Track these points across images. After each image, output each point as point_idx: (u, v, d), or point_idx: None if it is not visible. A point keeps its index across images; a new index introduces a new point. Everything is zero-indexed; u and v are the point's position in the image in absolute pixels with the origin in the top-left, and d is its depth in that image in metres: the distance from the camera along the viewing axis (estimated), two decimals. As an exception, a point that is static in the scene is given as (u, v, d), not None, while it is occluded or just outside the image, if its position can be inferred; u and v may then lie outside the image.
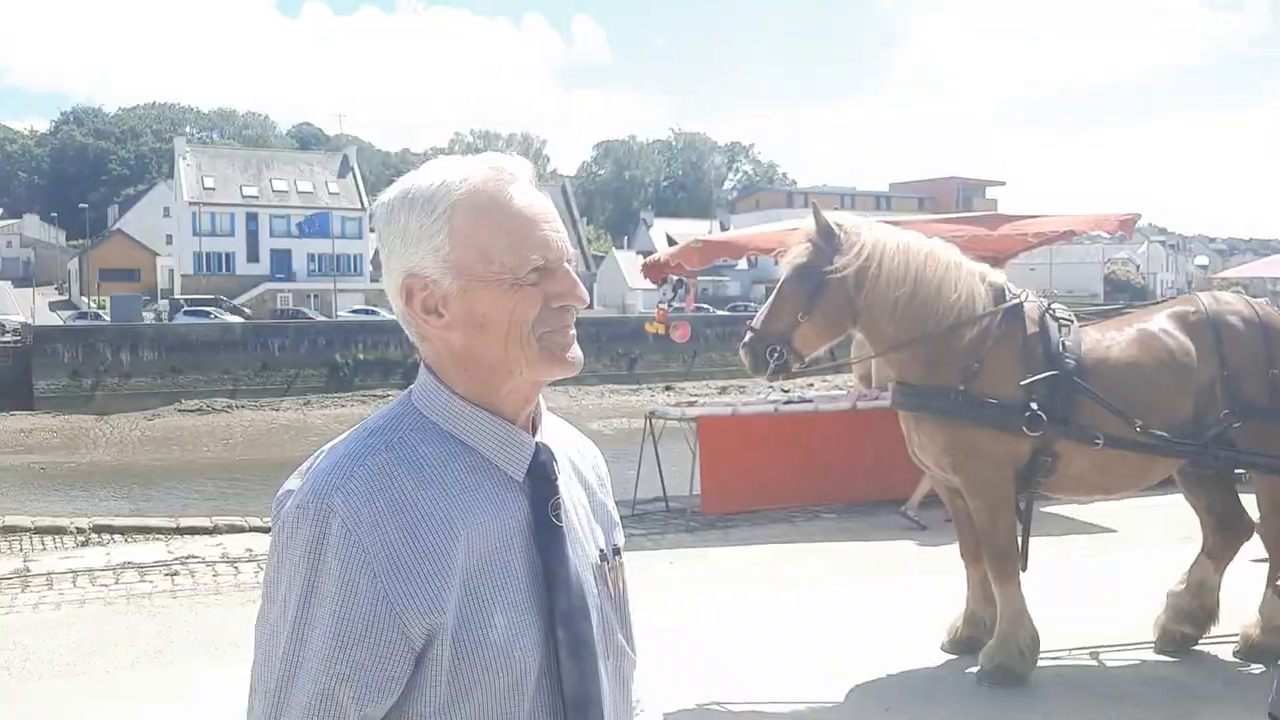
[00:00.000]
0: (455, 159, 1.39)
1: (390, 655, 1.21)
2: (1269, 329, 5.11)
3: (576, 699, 1.31)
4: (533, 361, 1.32)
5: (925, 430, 5.21)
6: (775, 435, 9.37)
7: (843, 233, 5.12)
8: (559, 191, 75.40)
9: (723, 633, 5.94)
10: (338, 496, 1.23)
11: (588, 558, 1.40)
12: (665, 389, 37.69)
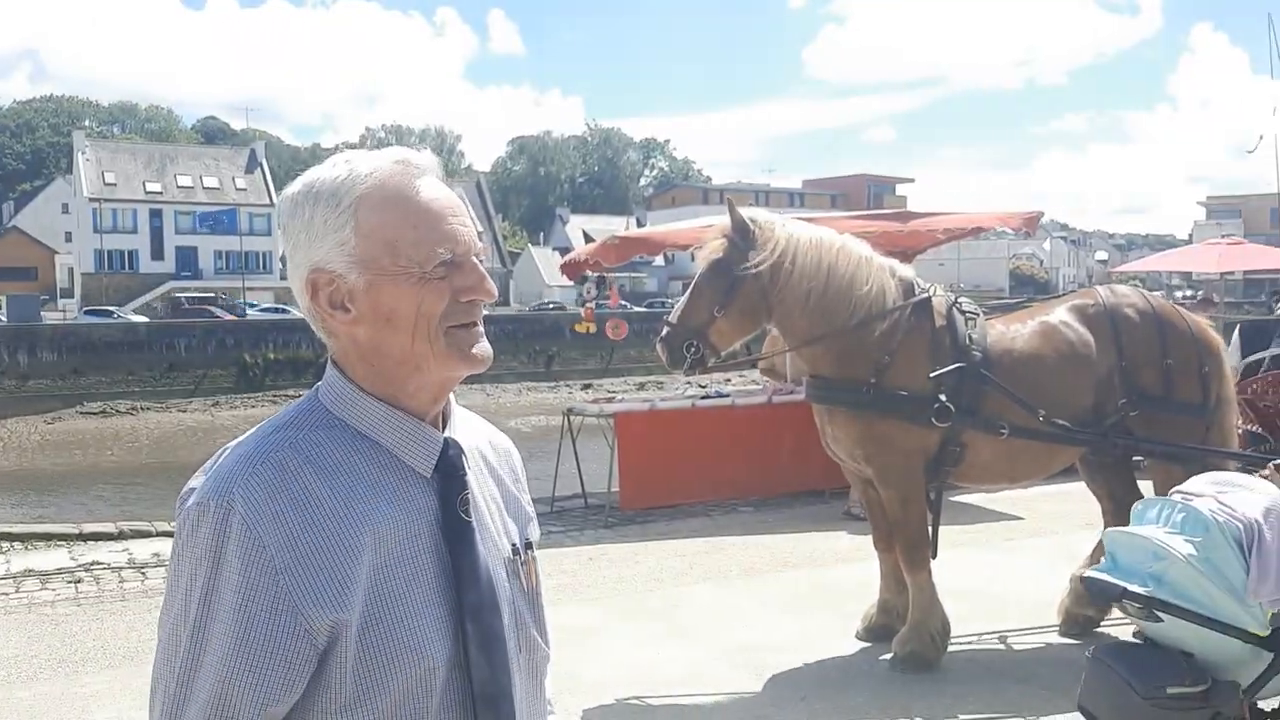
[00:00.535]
0: (361, 152, 1.38)
1: (292, 653, 1.19)
2: (1163, 321, 5.31)
3: (487, 693, 1.30)
4: (440, 356, 1.31)
5: (838, 423, 5.30)
6: (693, 430, 9.43)
7: (757, 229, 5.18)
8: (473, 187, 74.70)
9: (641, 627, 5.97)
10: (239, 493, 1.21)
11: (499, 552, 1.39)
12: (584, 386, 37.63)
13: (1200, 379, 5.26)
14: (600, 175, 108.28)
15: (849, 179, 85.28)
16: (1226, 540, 3.15)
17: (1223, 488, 3.35)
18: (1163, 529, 3.28)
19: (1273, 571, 3.12)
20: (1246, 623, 3.17)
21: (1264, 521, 3.17)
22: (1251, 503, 3.24)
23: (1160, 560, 3.21)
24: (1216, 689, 3.16)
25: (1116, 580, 3.25)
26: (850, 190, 79.79)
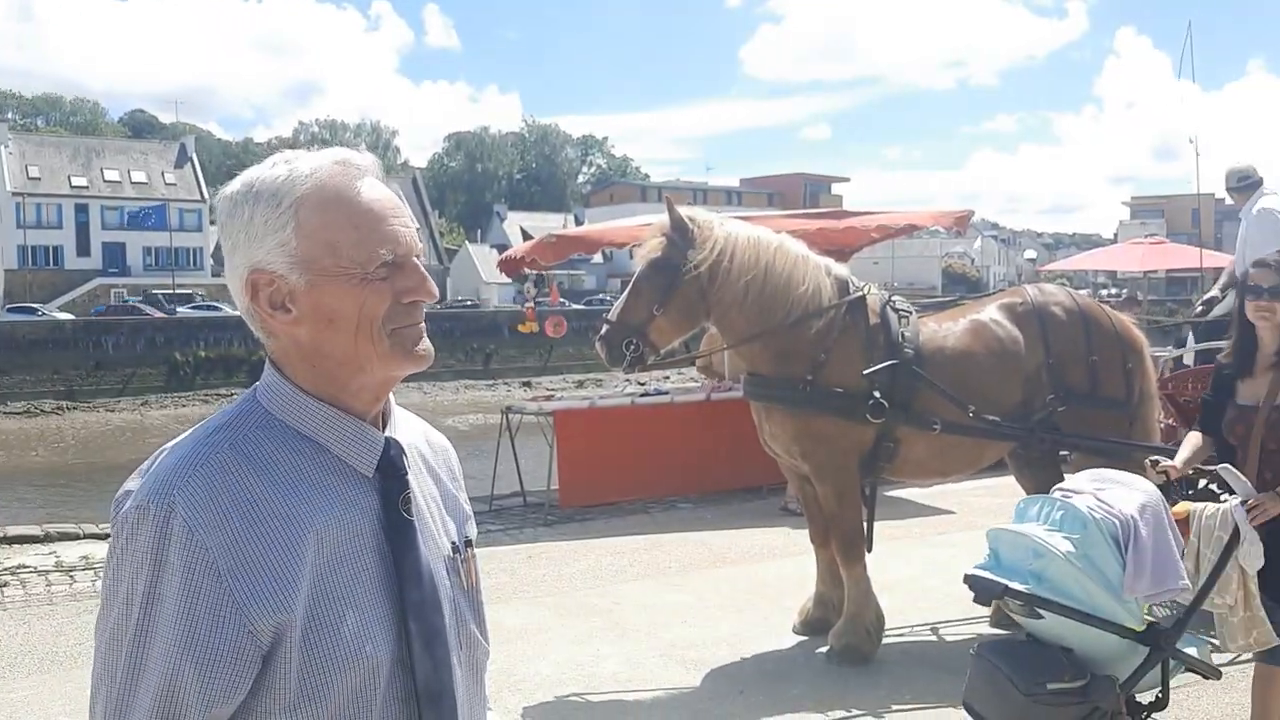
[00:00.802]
0: (300, 152, 1.37)
1: (237, 655, 1.19)
2: (1089, 318, 5.46)
3: (430, 690, 1.32)
4: (384, 356, 1.32)
5: (775, 419, 5.36)
6: (632, 428, 9.47)
7: (696, 228, 5.22)
8: (410, 183, 74.00)
9: (580, 625, 5.98)
10: (179, 496, 1.20)
11: (440, 550, 1.41)
12: (522, 384, 37.50)
13: (1124, 375, 5.42)
14: (538, 172, 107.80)
15: (786, 178, 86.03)
16: (1104, 537, 3.20)
17: (1101, 484, 3.41)
18: (1043, 526, 3.32)
19: (1148, 567, 3.17)
20: (1123, 618, 3.23)
21: (1139, 518, 3.24)
22: (1128, 499, 3.30)
23: (1040, 558, 3.25)
24: (1095, 684, 3.22)
25: (998, 578, 3.27)
26: (787, 189, 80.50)
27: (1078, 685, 3.19)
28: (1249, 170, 6.90)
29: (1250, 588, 3.64)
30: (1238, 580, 3.64)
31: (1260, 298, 3.87)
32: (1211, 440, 4.04)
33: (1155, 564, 3.18)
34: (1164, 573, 3.20)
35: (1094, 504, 3.26)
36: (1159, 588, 3.20)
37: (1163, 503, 3.36)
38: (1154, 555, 3.18)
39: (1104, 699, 3.21)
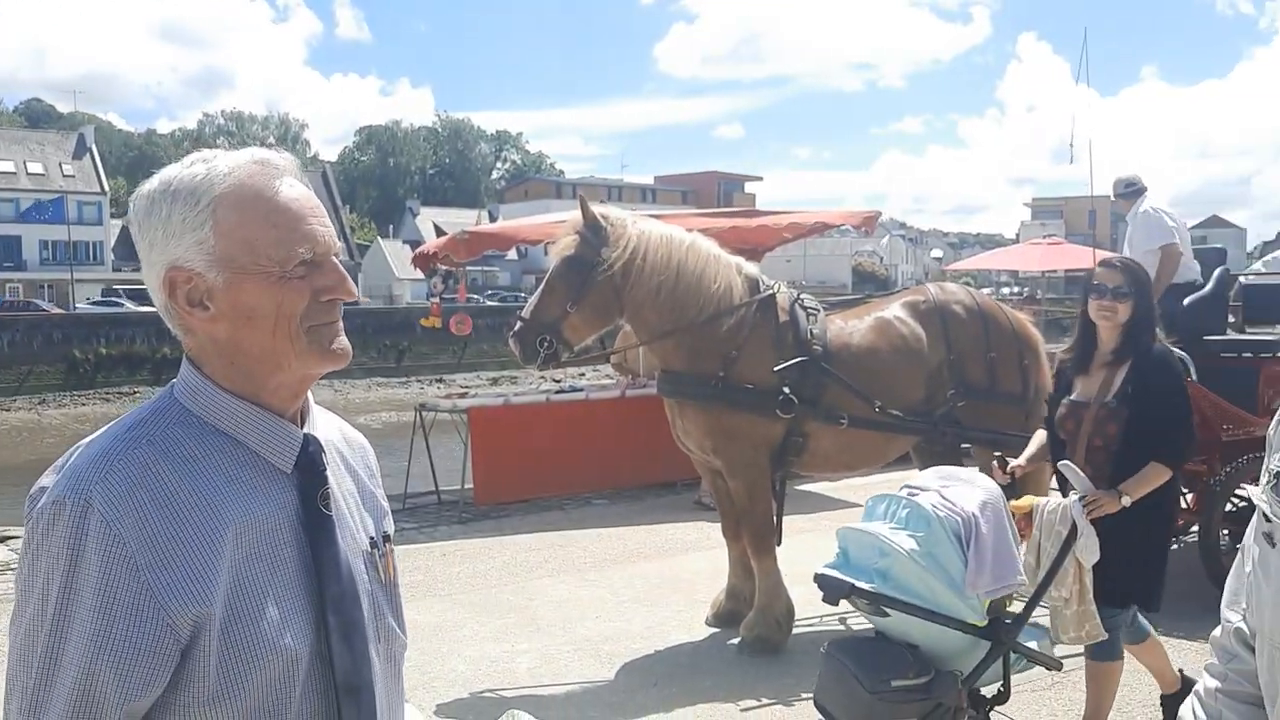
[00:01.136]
0: (219, 151, 1.39)
1: (155, 648, 1.20)
2: (987, 317, 5.66)
3: (348, 682, 1.34)
4: (301, 354, 1.34)
5: (688, 415, 5.45)
6: (547, 425, 9.49)
7: (609, 226, 5.28)
8: (320, 178, 72.61)
9: (496, 621, 6.00)
10: (96, 491, 1.21)
11: (358, 545, 1.43)
12: (436, 381, 37.13)
13: (1020, 371, 5.63)
14: (451, 167, 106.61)
15: (700, 176, 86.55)
16: (946, 534, 3.23)
17: (946, 482, 3.45)
18: (888, 525, 3.35)
19: (988, 564, 3.22)
20: (966, 614, 3.27)
21: (981, 515, 3.27)
22: (970, 497, 3.33)
23: (885, 556, 3.27)
24: (938, 680, 3.26)
25: (846, 577, 3.29)
26: (701, 187, 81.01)
27: (922, 682, 3.24)
28: (1134, 179, 7.25)
29: (1085, 582, 3.73)
30: (1074, 574, 3.72)
31: (1104, 297, 3.92)
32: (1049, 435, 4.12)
33: (995, 560, 3.24)
34: (1003, 568, 3.26)
35: (938, 501, 3.30)
36: (999, 583, 3.25)
37: (1002, 499, 3.41)
38: (994, 551, 3.24)
39: (946, 695, 3.26)
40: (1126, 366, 3.88)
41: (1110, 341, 3.94)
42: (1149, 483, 3.76)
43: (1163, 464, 3.78)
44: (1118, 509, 3.69)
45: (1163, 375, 3.87)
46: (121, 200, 70.53)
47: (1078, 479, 3.76)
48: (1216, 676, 1.45)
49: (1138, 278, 3.96)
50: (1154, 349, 3.90)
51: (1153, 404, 3.78)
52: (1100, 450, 3.87)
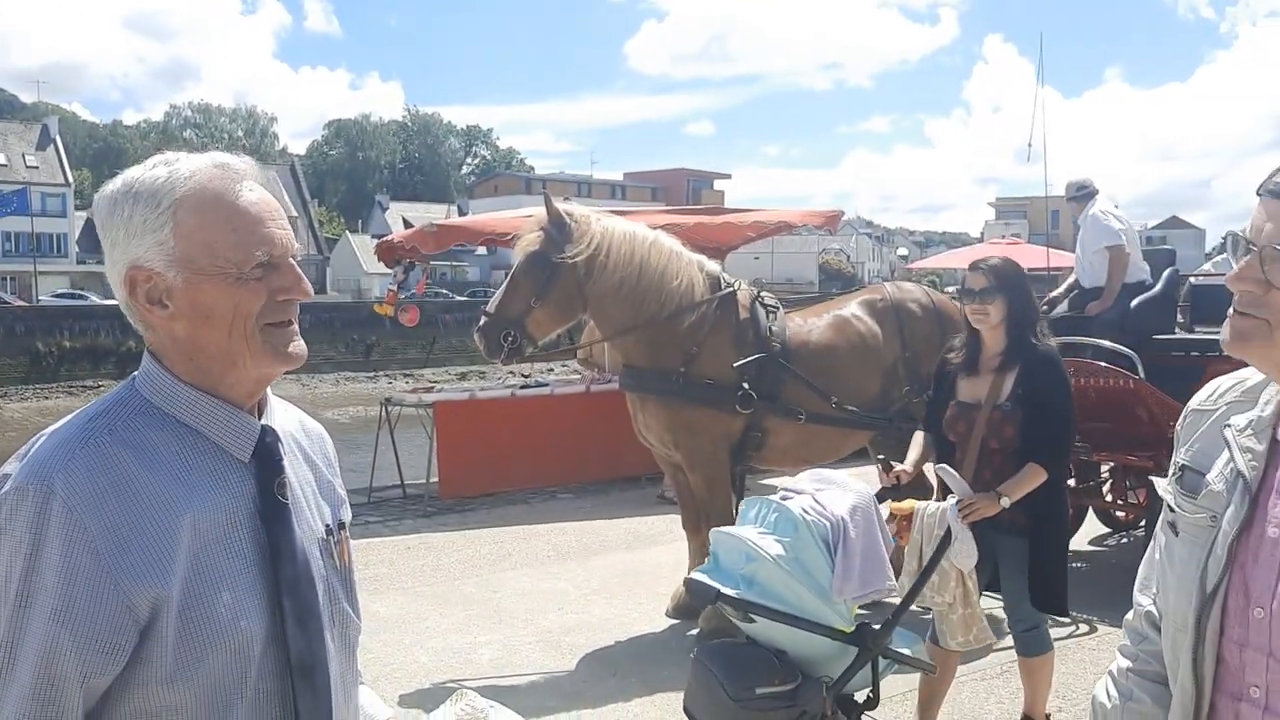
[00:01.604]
0: (181, 154, 1.44)
1: (114, 627, 1.25)
2: (941, 315, 5.79)
3: (303, 663, 1.40)
4: (256, 354, 1.39)
5: (649, 410, 5.53)
6: (512, 419, 9.55)
7: (573, 222, 5.35)
8: (288, 171, 72.04)
9: (458, 613, 6.06)
10: (58, 478, 1.26)
11: (314, 532, 1.49)
12: (405, 376, 36.95)
13: (974, 368, 5.75)
14: (421, 162, 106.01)
15: (669, 172, 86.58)
16: (814, 539, 3.17)
17: (820, 485, 3.39)
18: (757, 529, 3.29)
19: (856, 569, 3.17)
20: (833, 620, 3.23)
21: (850, 519, 3.22)
22: (841, 501, 3.28)
23: (752, 561, 3.20)
24: (803, 687, 3.21)
25: (712, 582, 3.22)
26: (670, 184, 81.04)
27: (788, 689, 3.19)
28: (1086, 182, 7.42)
29: (968, 585, 3.70)
30: (956, 578, 3.69)
31: (973, 300, 3.92)
32: (933, 438, 4.10)
33: (864, 565, 3.20)
34: (871, 574, 3.22)
35: (808, 505, 3.25)
36: (866, 589, 3.21)
37: (874, 504, 3.37)
38: (863, 557, 3.20)
39: (810, 702, 3.20)
40: (1016, 369, 3.85)
41: (994, 344, 3.92)
42: (1027, 484, 3.72)
43: (1041, 465, 3.74)
44: (997, 511, 3.67)
45: (1049, 377, 3.83)
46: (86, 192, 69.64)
47: (955, 483, 3.71)
48: (1128, 657, 1.55)
49: (1006, 277, 3.91)
50: (1040, 350, 3.88)
51: (1043, 405, 3.77)
52: (998, 453, 3.84)
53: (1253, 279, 1.28)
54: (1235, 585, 1.31)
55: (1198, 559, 1.35)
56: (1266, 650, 1.27)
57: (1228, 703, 1.32)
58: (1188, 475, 1.43)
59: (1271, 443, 1.34)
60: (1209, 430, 1.44)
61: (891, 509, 3.80)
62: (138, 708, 1.29)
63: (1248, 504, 1.32)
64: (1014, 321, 3.88)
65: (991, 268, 3.94)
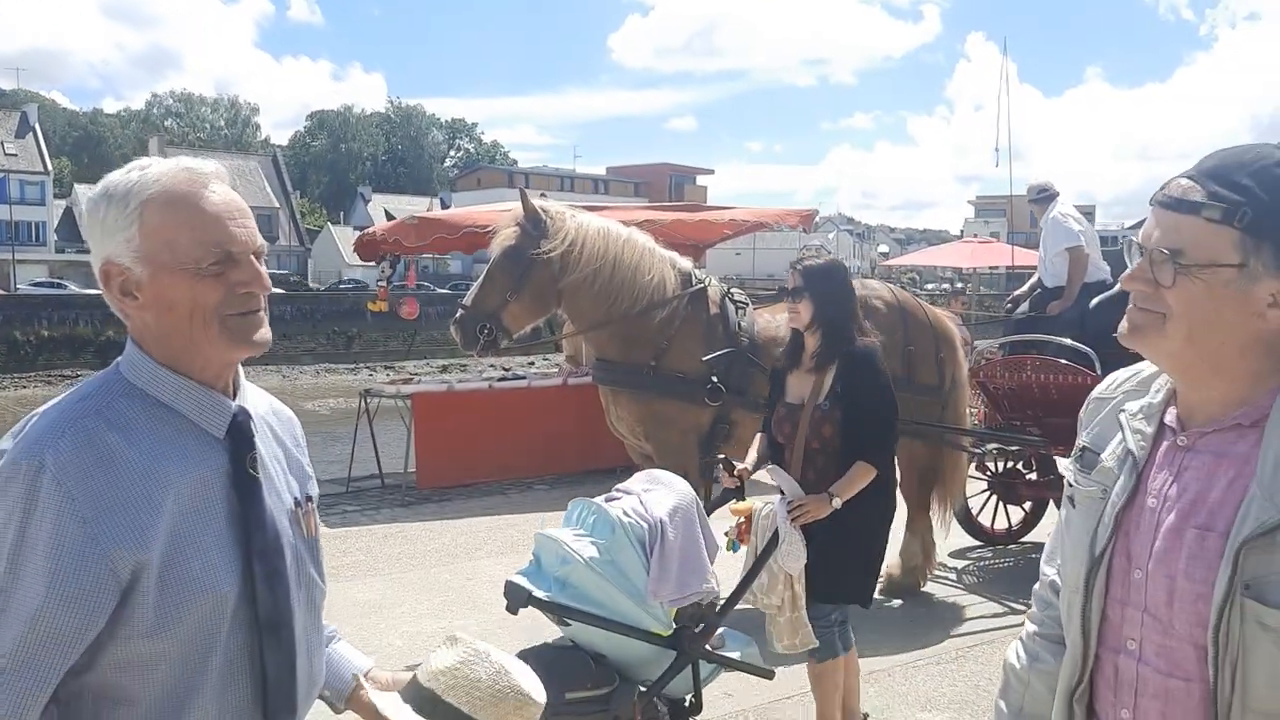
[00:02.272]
0: (155, 159, 1.59)
1: (98, 587, 1.38)
2: (905, 312, 5.95)
3: (270, 621, 1.54)
4: (214, 341, 1.53)
5: (621, 402, 5.68)
6: (489, 411, 9.66)
7: (549, 218, 5.49)
8: (270, 162, 71.82)
9: (433, 599, 6.18)
10: (49, 454, 1.39)
11: (283, 504, 1.63)
12: (385, 368, 36.98)
13: (937, 364, 5.93)
14: (404, 154, 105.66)
15: (652, 167, 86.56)
16: (630, 541, 3.10)
17: (648, 486, 3.35)
18: (574, 531, 3.23)
19: (674, 571, 3.10)
20: (649, 624, 3.16)
21: (669, 521, 3.15)
22: (662, 502, 3.21)
23: (566, 564, 3.13)
24: (618, 691, 3.15)
25: (528, 584, 3.13)
26: (653, 179, 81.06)
27: (601, 694, 3.13)
28: (1047, 184, 7.61)
29: (797, 589, 3.65)
30: (784, 581, 3.65)
31: (787, 299, 3.93)
32: (767, 440, 4.08)
33: (681, 568, 3.13)
34: (690, 576, 3.14)
35: (631, 506, 3.19)
36: (684, 591, 3.13)
37: (696, 505, 3.30)
38: (680, 559, 3.13)
39: (621, 707, 3.15)
40: (833, 368, 3.84)
41: (812, 343, 3.92)
42: (857, 483, 3.71)
43: (869, 463, 3.74)
44: (828, 512, 3.66)
45: (865, 374, 3.82)
46: (65, 180, 69.21)
47: (785, 483, 3.69)
48: (1035, 622, 1.71)
49: (817, 277, 3.89)
50: (856, 348, 3.86)
51: (859, 403, 3.77)
52: (819, 453, 3.84)
53: (1143, 279, 1.43)
54: (1120, 550, 1.47)
55: (1089, 527, 1.51)
56: (1143, 607, 1.42)
57: (1109, 655, 1.48)
58: (1086, 455, 1.59)
59: (1159, 426, 1.50)
60: (1107, 416, 1.59)
61: (732, 509, 3.81)
62: (122, 658, 1.43)
63: (1134, 479, 1.48)
64: (824, 321, 3.86)
65: (806, 268, 3.92)
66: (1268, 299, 1.35)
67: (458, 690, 1.78)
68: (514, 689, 1.80)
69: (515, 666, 1.84)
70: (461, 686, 1.78)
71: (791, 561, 3.63)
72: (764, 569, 3.69)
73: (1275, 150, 1.38)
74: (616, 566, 3.09)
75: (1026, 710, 1.67)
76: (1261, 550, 1.29)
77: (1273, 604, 1.28)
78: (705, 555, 3.23)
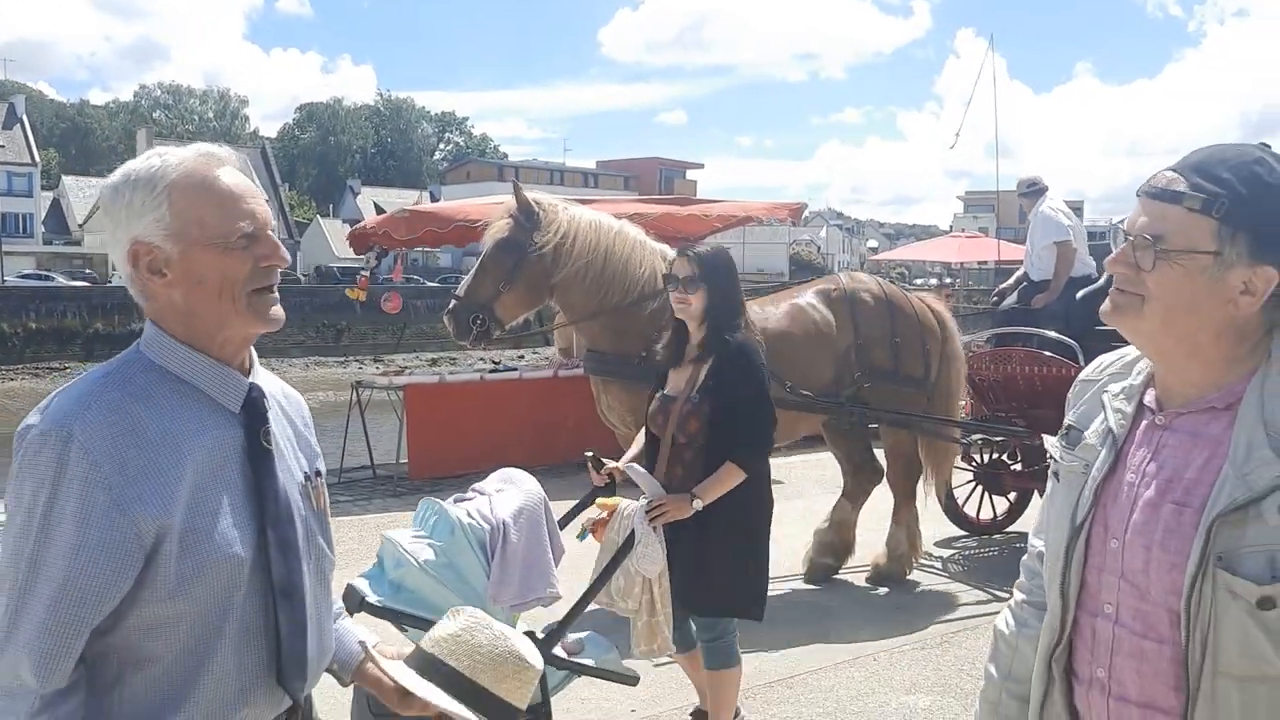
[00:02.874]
0: (170, 147, 1.68)
1: (123, 551, 1.47)
2: (893, 305, 6.04)
3: (284, 587, 1.62)
4: (241, 315, 1.61)
5: (612, 393, 5.75)
6: (481, 402, 9.72)
7: (541, 210, 5.55)
8: (259, 155, 71.55)
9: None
10: (76, 425, 1.47)
11: (294, 478, 1.71)
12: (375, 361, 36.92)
13: (923, 355, 6.02)
14: (393, 147, 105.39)
15: (642, 161, 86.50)
16: (470, 543, 2.94)
17: (500, 485, 3.19)
18: (413, 532, 3.07)
19: (516, 574, 2.94)
20: None
21: (513, 523, 3.00)
22: (508, 503, 3.06)
23: (400, 567, 2.97)
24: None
25: (363, 587, 2.95)
26: (643, 173, 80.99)
27: None
28: (1036, 179, 7.71)
29: (655, 593, 3.52)
30: (642, 585, 3.52)
31: (677, 288, 3.72)
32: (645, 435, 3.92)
33: (524, 570, 2.98)
34: (534, 579, 3.00)
35: (472, 508, 3.03)
36: (526, 596, 2.98)
37: (543, 505, 3.13)
38: (524, 561, 2.98)
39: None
40: (711, 361, 3.69)
41: (696, 334, 3.76)
42: (723, 484, 3.56)
43: (737, 464, 3.57)
44: (689, 514, 3.53)
45: (740, 369, 3.65)
46: (53, 172, 68.89)
47: (645, 481, 3.58)
48: (1023, 591, 1.81)
49: (711, 266, 3.74)
50: (734, 341, 3.68)
51: (731, 399, 3.61)
52: (686, 448, 3.68)
53: (1125, 262, 1.52)
54: (1098, 520, 1.57)
55: (1071, 499, 1.61)
56: (1119, 574, 1.52)
57: (1087, 619, 1.57)
58: (1071, 432, 1.69)
59: (1138, 405, 1.59)
60: (1092, 397, 1.69)
61: (598, 503, 3.73)
62: (145, 620, 1.51)
63: (1114, 455, 1.57)
64: (714, 312, 3.70)
65: (698, 255, 3.77)
66: (1240, 286, 1.44)
67: (459, 655, 1.87)
68: (513, 653, 1.89)
69: (513, 634, 1.93)
70: (464, 651, 1.87)
71: (647, 564, 3.50)
72: (621, 571, 3.55)
73: (1255, 149, 1.48)
74: (455, 570, 2.90)
75: (1014, 673, 1.76)
76: (1233, 525, 1.38)
77: (1243, 575, 1.37)
78: (550, 558, 3.06)
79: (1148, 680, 1.49)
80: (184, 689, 1.53)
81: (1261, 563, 1.36)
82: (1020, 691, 1.72)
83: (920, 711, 4.51)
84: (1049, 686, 1.62)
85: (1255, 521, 1.37)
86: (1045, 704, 1.63)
